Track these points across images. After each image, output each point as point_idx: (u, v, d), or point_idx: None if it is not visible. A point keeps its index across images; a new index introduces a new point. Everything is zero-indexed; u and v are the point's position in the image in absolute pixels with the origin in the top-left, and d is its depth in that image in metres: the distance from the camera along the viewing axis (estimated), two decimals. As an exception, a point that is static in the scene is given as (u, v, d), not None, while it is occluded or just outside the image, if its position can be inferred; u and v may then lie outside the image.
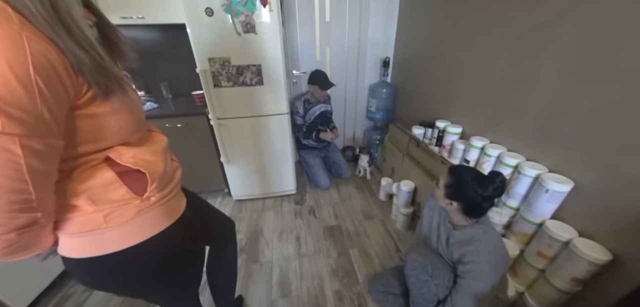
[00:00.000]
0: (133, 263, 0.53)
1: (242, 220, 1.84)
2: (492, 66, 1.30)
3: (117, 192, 0.47)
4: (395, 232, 1.69)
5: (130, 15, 1.54)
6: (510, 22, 1.17)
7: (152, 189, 0.51)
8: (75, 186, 0.44)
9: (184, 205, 0.64)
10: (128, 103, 0.47)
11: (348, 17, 2.12)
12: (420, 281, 0.99)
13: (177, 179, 0.63)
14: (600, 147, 0.88)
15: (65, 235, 0.48)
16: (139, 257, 0.53)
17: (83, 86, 0.40)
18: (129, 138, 0.49)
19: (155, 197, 0.53)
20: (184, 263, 0.65)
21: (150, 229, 0.53)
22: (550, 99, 1.04)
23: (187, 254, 0.65)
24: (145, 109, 1.68)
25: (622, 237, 0.84)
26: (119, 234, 0.49)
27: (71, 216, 0.46)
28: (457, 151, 1.50)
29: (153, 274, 0.57)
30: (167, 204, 0.56)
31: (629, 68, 0.78)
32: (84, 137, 0.42)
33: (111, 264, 0.51)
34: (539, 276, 1.05)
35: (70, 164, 0.43)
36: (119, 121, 0.46)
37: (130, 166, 0.48)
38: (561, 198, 0.99)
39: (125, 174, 0.48)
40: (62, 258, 0.51)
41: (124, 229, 0.50)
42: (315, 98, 2.04)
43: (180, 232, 0.60)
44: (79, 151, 0.43)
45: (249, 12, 1.34)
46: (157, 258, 0.56)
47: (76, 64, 0.38)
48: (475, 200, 0.85)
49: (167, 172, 0.56)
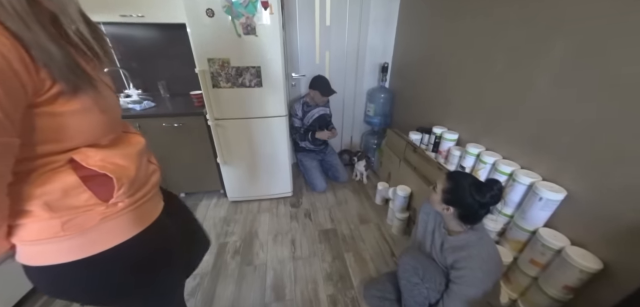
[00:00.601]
0: (96, 272, 0.49)
1: (237, 222, 1.82)
2: (489, 74, 1.32)
3: (79, 197, 0.44)
4: (390, 237, 1.69)
5: (130, 14, 1.54)
6: (507, 34, 1.20)
7: (120, 195, 0.48)
8: (31, 190, 0.40)
9: (159, 210, 0.60)
10: (101, 103, 0.44)
11: (348, 22, 2.14)
12: (411, 283, 1.00)
13: (153, 183, 0.59)
14: (593, 158, 0.90)
15: (20, 242, 0.45)
16: (103, 265, 0.49)
17: (45, 82, 0.37)
18: (98, 140, 0.46)
19: (124, 203, 0.50)
20: (156, 274, 0.60)
21: (115, 236, 0.50)
22: (545, 109, 1.05)
23: (159, 263, 0.61)
24: (142, 108, 1.67)
25: (613, 247, 0.85)
26: (79, 244, 0.46)
27: (25, 222, 0.42)
28: (453, 157, 1.52)
29: (120, 283, 0.54)
30: (138, 210, 0.53)
31: (621, 81, 0.80)
32: (43, 137, 0.39)
33: (71, 274, 0.47)
34: (532, 283, 1.06)
35: (28, 165, 0.40)
36: (88, 121, 0.43)
37: (96, 170, 0.44)
38: (554, 206, 1.00)
39: (90, 179, 0.45)
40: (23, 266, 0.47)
41: (85, 237, 0.46)
42: (314, 102, 2.05)
43: (151, 240, 0.56)
44: (37, 152, 0.40)
45: (250, 14, 1.35)
46: (124, 267, 0.52)
47: (44, 59, 0.36)
48: (472, 206, 0.86)
49: (139, 176, 0.53)
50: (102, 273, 0.50)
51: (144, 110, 1.66)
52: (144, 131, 1.65)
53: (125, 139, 0.54)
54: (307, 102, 2.04)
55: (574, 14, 0.92)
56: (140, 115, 1.62)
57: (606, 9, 0.83)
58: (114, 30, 1.83)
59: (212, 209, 1.94)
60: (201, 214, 1.90)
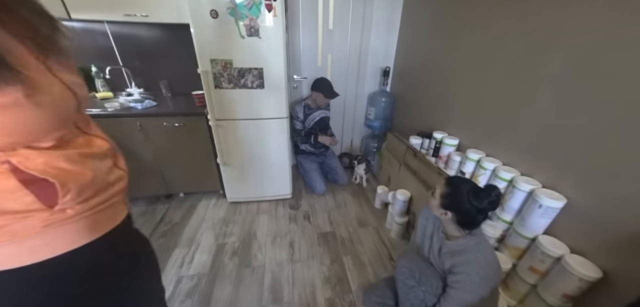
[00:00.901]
0: (39, 282, 0.45)
1: (236, 223, 1.82)
2: (490, 81, 1.32)
3: (20, 201, 0.40)
4: (389, 241, 1.69)
5: (134, 13, 1.55)
6: (505, 45, 1.21)
7: (67, 201, 0.43)
8: None
9: (120, 219, 0.55)
10: (38, 97, 0.38)
11: (351, 26, 2.16)
12: (407, 286, 1.01)
13: (117, 190, 0.54)
14: (592, 166, 0.90)
15: None
16: (46, 275, 0.44)
17: None
18: (38, 139, 0.41)
19: (74, 209, 0.45)
20: (113, 285, 0.55)
21: (62, 245, 0.45)
22: (544, 117, 1.06)
23: (120, 274, 0.56)
24: (143, 107, 1.68)
25: (612, 255, 0.85)
26: (13, 253, 0.41)
27: None
28: (453, 163, 1.52)
29: (70, 295, 0.49)
30: (94, 216, 0.49)
31: (618, 92, 0.81)
32: None
33: (8, 284, 0.43)
34: (531, 291, 1.05)
35: None
36: (16, 118, 0.37)
37: (36, 174, 0.40)
38: (554, 214, 1.00)
39: (32, 182, 0.40)
40: None
41: (21, 246, 0.42)
42: (316, 104, 2.05)
43: (109, 249, 0.52)
44: None
45: (254, 16, 1.36)
46: (73, 277, 0.48)
47: None
48: (470, 212, 0.86)
49: (97, 182, 0.48)
50: (47, 282, 0.45)
51: (145, 109, 1.66)
52: (145, 130, 1.65)
53: (82, 140, 0.48)
54: (309, 104, 2.05)
55: (572, 27, 0.93)
56: (142, 114, 1.62)
57: (604, 22, 0.84)
58: (118, 29, 1.84)
59: (211, 210, 1.94)
60: (200, 214, 1.89)
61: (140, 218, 1.82)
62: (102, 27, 1.80)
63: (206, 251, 1.58)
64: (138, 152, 1.72)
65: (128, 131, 1.63)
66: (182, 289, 1.33)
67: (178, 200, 2.03)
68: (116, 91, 1.97)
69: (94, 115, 1.55)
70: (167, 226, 1.76)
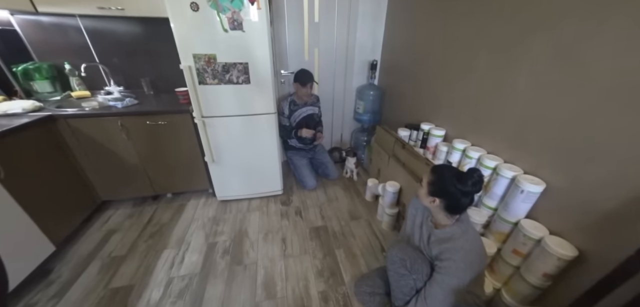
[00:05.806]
0: None
1: (227, 221, 1.79)
2: (474, 73, 1.35)
3: None
4: (380, 233, 1.72)
5: (108, 6, 1.47)
6: (490, 33, 1.23)
7: None
8: None
9: None
10: None
11: (337, 18, 2.14)
12: (398, 274, 1.04)
13: None
14: (569, 151, 0.94)
15: None
16: None
17: None
18: None
19: None
20: None
21: None
22: (525, 105, 1.09)
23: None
24: (124, 106, 1.60)
25: (587, 235, 0.90)
26: None
27: None
28: (440, 153, 1.55)
29: None
30: None
31: (593, 79, 0.84)
32: None
33: None
34: (514, 272, 1.10)
35: None
36: None
37: None
38: (535, 198, 1.04)
39: None
40: None
41: None
42: (301, 100, 2.03)
43: None
44: None
45: (237, 9, 1.32)
46: None
47: None
48: (455, 195, 0.89)
49: None
50: None
51: (126, 108, 1.59)
52: (127, 129, 1.58)
53: None
54: (295, 100, 2.03)
55: (549, 15, 0.96)
56: (123, 113, 1.55)
57: (579, 10, 0.87)
58: (92, 24, 1.74)
59: (200, 209, 1.90)
60: (189, 214, 1.85)
61: (127, 221, 1.77)
62: (74, 22, 1.70)
63: (197, 250, 1.55)
64: (121, 152, 1.65)
65: (109, 131, 1.57)
66: (173, 290, 1.31)
67: (166, 200, 1.98)
68: (94, 90, 1.87)
69: (70, 115, 1.47)
70: (155, 227, 1.72)
